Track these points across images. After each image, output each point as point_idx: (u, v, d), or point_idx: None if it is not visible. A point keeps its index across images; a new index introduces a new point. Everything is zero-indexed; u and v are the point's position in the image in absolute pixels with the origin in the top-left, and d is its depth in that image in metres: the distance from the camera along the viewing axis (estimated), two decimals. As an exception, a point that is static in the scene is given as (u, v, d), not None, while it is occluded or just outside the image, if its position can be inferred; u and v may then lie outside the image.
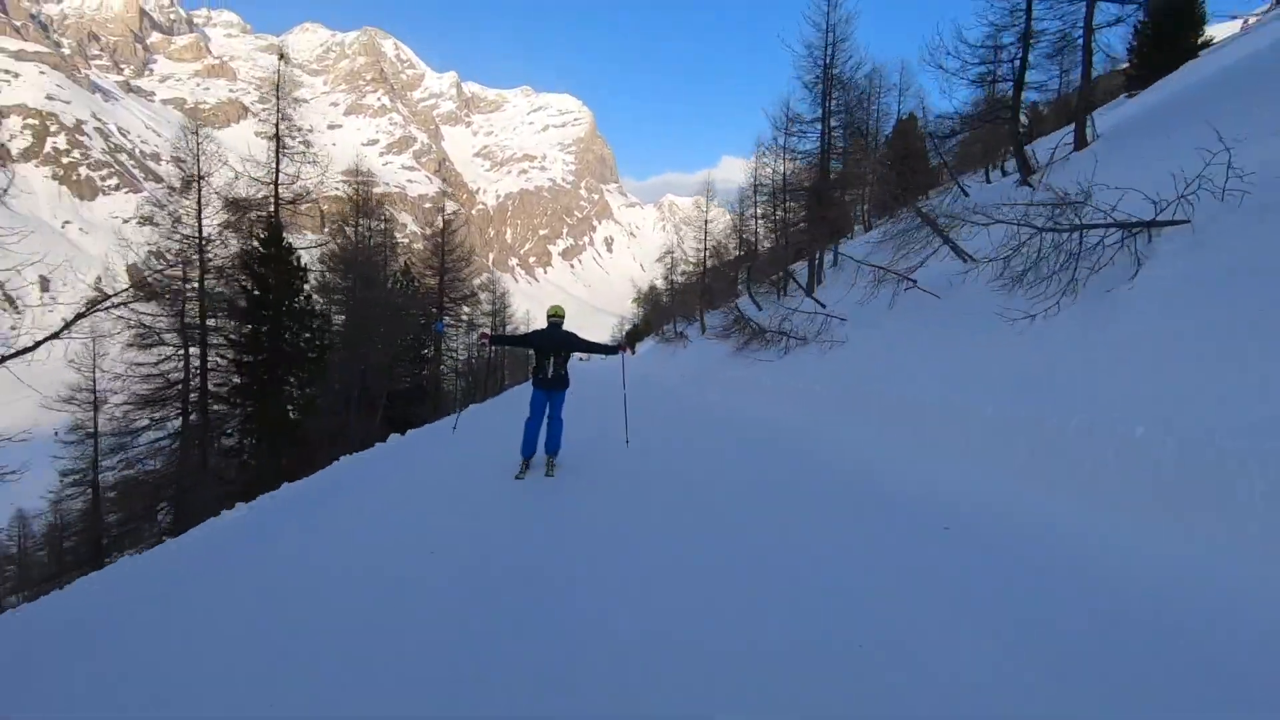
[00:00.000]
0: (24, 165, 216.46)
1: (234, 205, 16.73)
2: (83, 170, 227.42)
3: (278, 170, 17.84)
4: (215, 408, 16.94)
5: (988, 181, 16.47)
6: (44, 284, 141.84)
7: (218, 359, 16.99)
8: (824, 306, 13.31)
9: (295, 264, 17.45)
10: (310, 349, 17.85)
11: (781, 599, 2.86)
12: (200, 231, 16.16)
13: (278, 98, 17.83)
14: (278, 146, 17.86)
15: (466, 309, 32.80)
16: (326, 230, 26.88)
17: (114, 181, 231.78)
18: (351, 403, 19.97)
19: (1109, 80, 20.66)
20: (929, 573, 3.08)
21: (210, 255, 16.42)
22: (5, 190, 10.12)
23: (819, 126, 18.44)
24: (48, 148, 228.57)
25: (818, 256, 19.55)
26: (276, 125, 17.83)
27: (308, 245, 20.07)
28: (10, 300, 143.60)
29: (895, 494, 4.60)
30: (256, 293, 16.66)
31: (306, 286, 18.10)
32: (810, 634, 2.52)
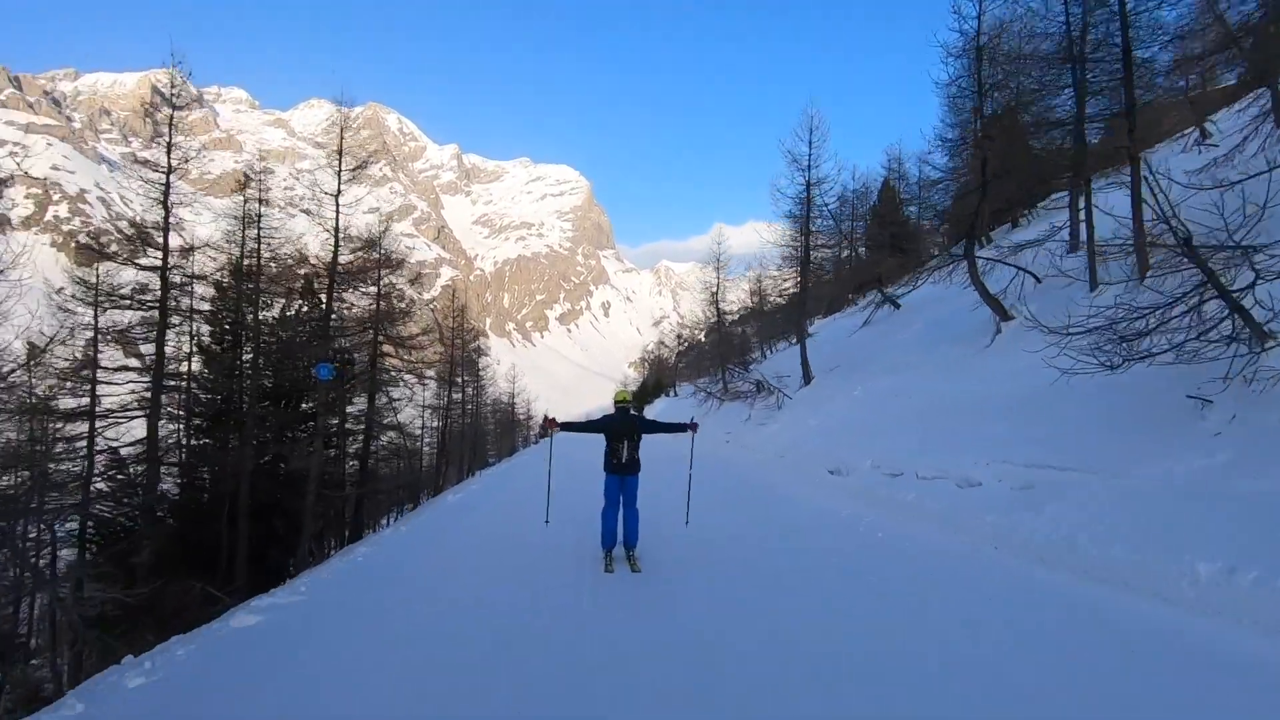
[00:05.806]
0: (24, 233, 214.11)
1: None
2: (82, 238, 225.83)
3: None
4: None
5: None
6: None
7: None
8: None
9: None
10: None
11: None
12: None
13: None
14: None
15: (411, 352, 21.66)
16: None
17: (115, 248, 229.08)
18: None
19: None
20: None
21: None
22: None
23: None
24: (49, 215, 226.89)
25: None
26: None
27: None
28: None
29: None
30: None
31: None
32: None
